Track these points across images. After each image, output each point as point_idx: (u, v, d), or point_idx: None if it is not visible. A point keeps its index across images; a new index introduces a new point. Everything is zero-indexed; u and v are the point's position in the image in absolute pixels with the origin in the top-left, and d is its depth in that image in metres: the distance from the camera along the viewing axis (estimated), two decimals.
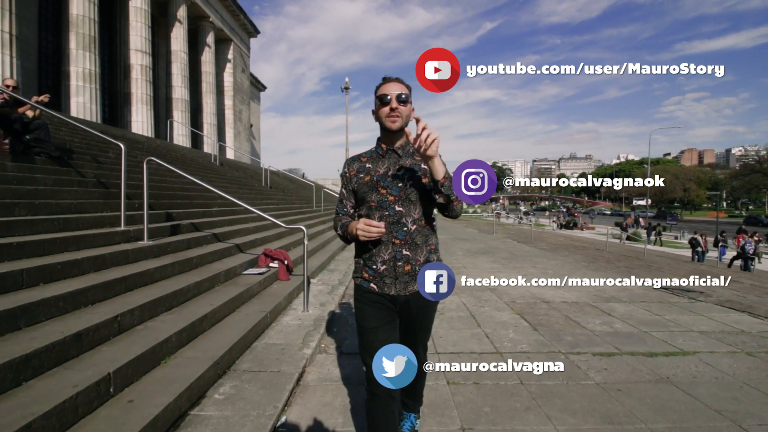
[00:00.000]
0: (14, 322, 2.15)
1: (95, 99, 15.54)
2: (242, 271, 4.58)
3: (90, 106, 15.23)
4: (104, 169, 6.29)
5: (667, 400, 2.45)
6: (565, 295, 5.27)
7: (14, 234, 3.18)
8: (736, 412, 2.32)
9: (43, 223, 3.52)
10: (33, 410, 1.63)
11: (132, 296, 2.94)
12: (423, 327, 1.73)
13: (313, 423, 2.17)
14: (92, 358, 2.17)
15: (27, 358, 1.88)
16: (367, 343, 1.61)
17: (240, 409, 2.18)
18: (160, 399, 2.00)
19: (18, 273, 2.54)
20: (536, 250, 10.71)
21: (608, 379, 2.73)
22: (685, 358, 3.10)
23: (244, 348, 2.99)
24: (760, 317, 4.27)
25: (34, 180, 4.46)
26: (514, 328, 3.80)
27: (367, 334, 1.61)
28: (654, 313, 4.38)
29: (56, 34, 16.34)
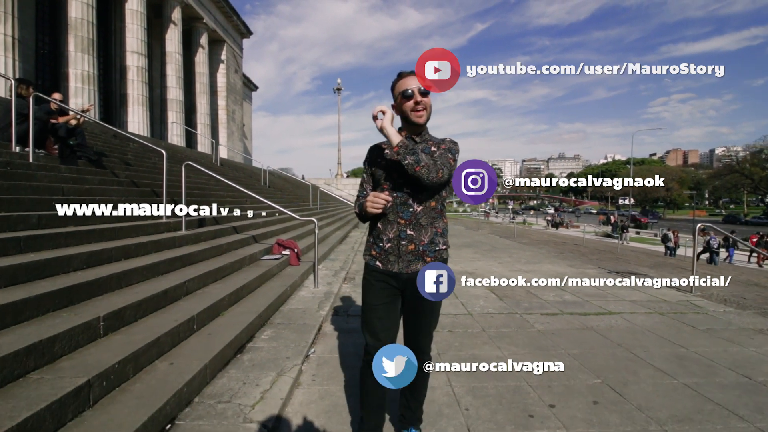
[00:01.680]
0: (118, 282, 3.02)
1: (94, 100, 16.15)
2: (261, 257, 5.45)
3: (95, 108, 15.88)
4: (131, 170, 7.12)
5: (585, 339, 3.41)
6: (532, 277, 6.23)
7: (91, 224, 4.02)
8: (632, 344, 3.28)
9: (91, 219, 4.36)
10: (156, 331, 2.50)
11: (187, 270, 3.82)
12: (427, 310, 1.71)
13: (332, 354, 3.08)
14: (176, 307, 3.05)
15: (139, 304, 2.75)
16: (367, 318, 1.72)
17: (281, 343, 3.08)
18: (228, 333, 2.89)
19: (109, 251, 3.40)
20: (516, 244, 11.74)
21: (547, 329, 3.68)
22: (610, 317, 4.08)
23: (274, 310, 3.89)
24: (684, 292, 5.28)
25: (85, 180, 5.28)
26: (485, 299, 4.75)
27: (368, 310, 1.71)
28: (599, 290, 5.37)
29: (53, 36, 16.82)
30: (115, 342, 2.30)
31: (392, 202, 1.62)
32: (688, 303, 4.70)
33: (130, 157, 8.18)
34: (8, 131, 5.25)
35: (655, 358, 2.98)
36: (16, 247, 2.88)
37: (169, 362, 2.36)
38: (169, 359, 2.41)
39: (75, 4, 15.28)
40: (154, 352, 2.37)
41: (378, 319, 1.67)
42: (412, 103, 1.61)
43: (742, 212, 66.27)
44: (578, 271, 6.80)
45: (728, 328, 3.74)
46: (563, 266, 7.41)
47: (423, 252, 1.64)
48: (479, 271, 6.73)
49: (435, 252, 1.68)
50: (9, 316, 2.10)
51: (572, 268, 7.16)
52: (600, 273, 6.70)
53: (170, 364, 2.34)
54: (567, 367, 2.77)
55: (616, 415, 2.18)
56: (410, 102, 1.61)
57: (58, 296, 2.43)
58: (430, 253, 1.66)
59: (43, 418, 1.59)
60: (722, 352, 3.13)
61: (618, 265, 7.95)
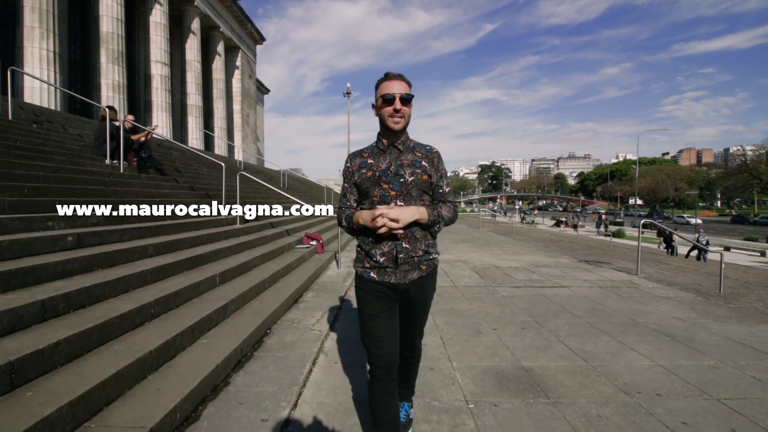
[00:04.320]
0: (216, 256, 4.50)
1: (123, 108, 17.43)
2: (295, 245, 6.93)
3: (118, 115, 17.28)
4: (184, 176, 8.68)
5: (534, 300, 4.79)
6: (512, 264, 7.60)
7: (176, 219, 5.53)
8: (565, 303, 4.64)
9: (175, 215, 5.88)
10: (247, 285, 3.97)
11: (251, 252, 5.31)
12: (421, 312, 1.78)
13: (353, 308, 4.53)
14: (253, 273, 4.52)
15: (233, 269, 4.23)
16: (367, 329, 1.66)
17: (321, 299, 4.53)
18: (288, 291, 4.35)
19: (186, 239, 4.88)
20: (509, 240, 13.07)
21: (509, 294, 5.07)
22: (560, 288, 5.45)
23: (312, 281, 5.35)
24: (631, 275, 6.60)
25: (161, 186, 6.83)
26: (469, 277, 6.14)
27: (367, 320, 1.66)
28: (563, 272, 6.73)
29: (84, 48, 18.48)
30: (229, 287, 3.79)
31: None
32: (629, 282, 6.04)
33: (178, 165, 9.76)
34: (102, 148, 6.81)
35: (576, 310, 4.35)
36: (154, 232, 4.40)
37: (259, 302, 3.84)
38: (258, 300, 3.89)
39: (106, 20, 16.91)
40: (250, 296, 3.86)
41: (379, 328, 1.64)
42: (391, 109, 1.59)
43: (751, 212, 66.08)
44: (553, 260, 8.14)
45: (644, 296, 5.09)
46: (543, 257, 8.75)
47: (418, 262, 1.66)
48: (471, 259, 8.11)
49: (429, 260, 1.70)
50: (169, 270, 3.59)
51: (549, 258, 8.50)
52: (571, 262, 8.02)
53: (260, 303, 3.81)
54: (511, 313, 4.18)
55: (532, 333, 3.58)
56: (389, 108, 1.59)
57: (191, 262, 3.93)
58: (425, 262, 1.68)
59: (209, 318, 3.06)
60: (626, 308, 4.49)
61: (592, 257, 9.23)
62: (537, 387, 2.53)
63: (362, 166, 1.68)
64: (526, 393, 2.45)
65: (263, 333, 3.32)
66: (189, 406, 2.08)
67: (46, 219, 3.48)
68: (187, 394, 2.06)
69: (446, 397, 2.38)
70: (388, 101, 1.58)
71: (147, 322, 2.72)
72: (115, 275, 2.97)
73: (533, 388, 2.52)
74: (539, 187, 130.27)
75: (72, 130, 8.20)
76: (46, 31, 13.92)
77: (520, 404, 2.31)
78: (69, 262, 2.90)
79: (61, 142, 6.77)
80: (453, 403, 2.32)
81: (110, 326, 2.39)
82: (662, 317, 4.11)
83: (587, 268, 7.36)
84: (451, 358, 3.01)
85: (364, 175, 1.66)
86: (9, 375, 1.76)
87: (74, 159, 5.92)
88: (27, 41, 13.67)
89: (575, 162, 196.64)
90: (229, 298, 3.46)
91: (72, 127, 8.48)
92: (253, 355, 2.91)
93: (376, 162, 1.65)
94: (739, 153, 64.59)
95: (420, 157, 1.66)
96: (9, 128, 6.09)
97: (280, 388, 2.40)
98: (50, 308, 2.33)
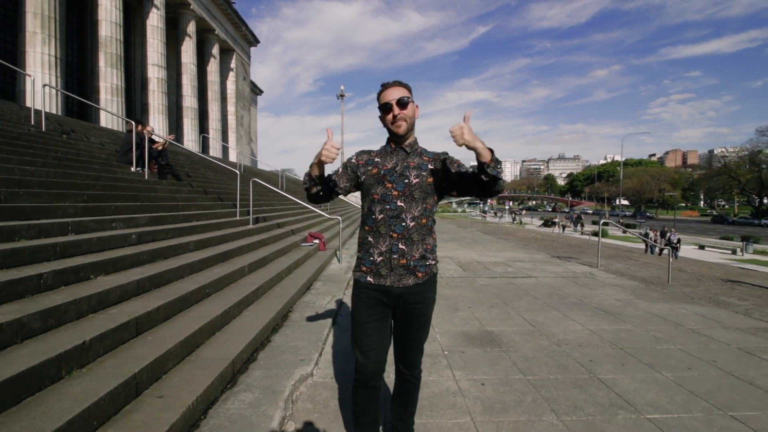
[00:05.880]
0: (230, 255, 5.38)
1: (121, 111, 17.83)
2: (300, 244, 7.83)
3: (116, 117, 17.00)
4: (197, 181, 9.50)
5: (505, 287, 5.75)
6: (492, 259, 8.59)
7: (193, 221, 6.38)
8: (530, 289, 5.62)
9: (199, 215, 6.74)
10: (269, 275, 4.86)
11: (266, 248, 6.19)
12: (419, 323, 1.70)
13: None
14: (270, 266, 5.41)
15: (256, 262, 5.11)
16: (356, 336, 1.69)
17: (329, 287, 5.45)
18: (301, 280, 5.25)
19: (215, 237, 5.76)
20: (494, 239, 14.11)
21: (487, 284, 6.02)
22: (529, 279, 6.43)
23: (319, 273, 6.26)
24: (593, 268, 7.62)
25: (180, 191, 7.67)
26: (453, 270, 7.10)
27: (358, 327, 1.68)
28: (535, 266, 7.72)
29: (81, 51, 18.89)
30: (255, 276, 4.69)
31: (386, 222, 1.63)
32: (589, 273, 7.06)
33: (188, 170, 10.56)
34: (128, 156, 7.61)
35: (537, 294, 5.33)
36: (189, 231, 5.27)
37: (280, 288, 4.75)
38: (280, 287, 4.79)
39: (105, 24, 17.22)
40: (272, 283, 4.76)
41: (367, 336, 1.66)
42: (390, 116, 1.62)
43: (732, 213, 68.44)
44: (529, 257, 9.15)
45: (596, 284, 6.09)
46: (521, 253, 9.77)
47: (414, 267, 1.64)
48: (457, 255, 9.08)
49: (426, 267, 1.67)
50: (209, 262, 4.48)
51: (527, 255, 9.51)
52: (545, 258, 9.04)
53: (281, 288, 4.72)
54: (485, 297, 5.14)
55: (498, 310, 4.53)
56: (389, 115, 1.63)
57: (222, 256, 4.82)
58: (421, 268, 1.65)
59: (248, 298, 3.96)
60: (579, 292, 5.48)
61: (567, 254, 10.26)
62: (494, 342, 3.48)
63: (369, 163, 1.72)
64: (486, 345, 3.40)
65: (288, 310, 4.22)
66: (249, 351, 2.99)
67: (111, 221, 4.34)
68: (247, 344, 2.96)
69: (428, 349, 3.30)
70: (386, 110, 1.64)
71: (204, 299, 3.61)
72: (174, 264, 3.85)
73: (492, 342, 3.47)
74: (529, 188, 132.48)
75: (94, 139, 8.97)
76: (48, 36, 14.28)
77: (481, 351, 3.26)
78: (139, 254, 3.77)
79: (90, 151, 7.56)
80: (433, 351, 3.25)
81: (183, 300, 3.28)
82: (604, 299, 5.11)
83: (557, 262, 8.37)
84: (433, 326, 3.94)
85: (370, 171, 1.69)
86: (135, 326, 2.65)
87: (107, 167, 6.74)
88: (29, 46, 13.99)
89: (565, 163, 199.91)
90: (259, 284, 4.35)
91: (93, 136, 9.24)
92: (283, 325, 3.82)
93: (383, 161, 1.69)
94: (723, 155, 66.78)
95: (427, 161, 1.69)
96: (46, 140, 6.88)
97: (308, 344, 3.31)
98: (141, 286, 3.22)
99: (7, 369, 1.82)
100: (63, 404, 1.79)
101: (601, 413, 2.33)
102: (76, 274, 2.97)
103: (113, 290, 2.89)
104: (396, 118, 1.63)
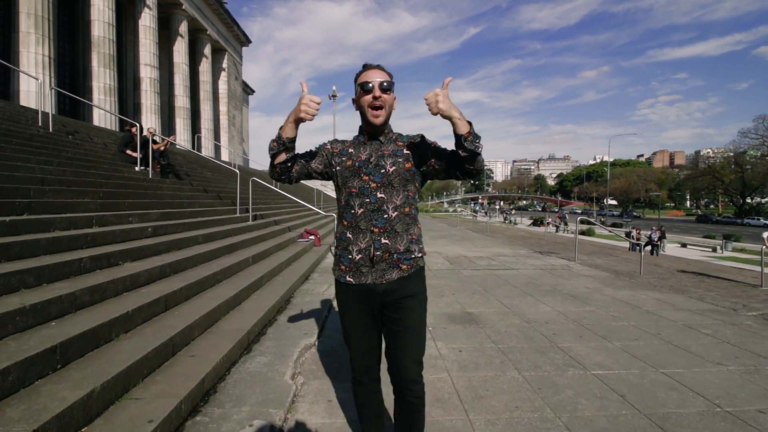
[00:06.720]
0: (243, 244, 5.82)
1: (114, 110, 17.96)
2: (297, 239, 8.27)
3: (109, 116, 17.38)
4: (196, 180, 9.89)
5: (488, 278, 6.27)
6: (478, 254, 9.12)
7: (197, 217, 6.80)
8: (510, 279, 6.14)
9: (202, 212, 7.16)
10: (271, 266, 5.31)
11: (266, 243, 6.63)
12: (410, 325, 1.53)
13: None
14: (271, 258, 5.86)
15: (259, 254, 5.56)
16: (346, 337, 1.65)
17: (324, 277, 5.91)
18: (300, 271, 5.71)
19: (219, 231, 6.19)
20: (481, 236, 14.68)
21: (471, 275, 6.54)
22: (510, 270, 6.96)
23: (315, 266, 6.71)
24: (571, 261, 8.19)
25: (183, 189, 8.06)
26: (441, 263, 7.61)
27: (346, 330, 1.64)
28: (517, 260, 8.27)
29: (72, 50, 18.93)
30: (258, 267, 5.14)
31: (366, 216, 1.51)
32: (566, 266, 7.62)
33: (186, 170, 10.92)
34: (124, 155, 7.97)
35: (516, 283, 5.85)
36: (196, 226, 5.69)
37: (282, 277, 5.21)
38: (281, 276, 5.25)
39: (97, 24, 17.37)
40: (274, 273, 5.21)
41: (355, 342, 1.61)
42: (370, 98, 1.48)
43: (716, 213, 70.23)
44: (513, 252, 9.71)
45: (571, 275, 6.64)
46: (506, 249, 10.32)
47: (398, 260, 1.51)
48: (445, 251, 9.60)
49: (410, 260, 1.54)
50: (217, 253, 4.91)
51: (511, 250, 10.07)
52: (528, 253, 9.60)
53: (282, 278, 5.17)
54: (468, 285, 5.65)
55: (479, 296, 5.04)
56: (368, 96, 1.48)
57: (228, 248, 5.26)
58: (406, 261, 1.53)
59: (254, 284, 4.41)
60: (553, 281, 6.02)
61: (549, 250, 10.84)
62: (473, 321, 3.98)
63: (343, 153, 1.60)
64: (466, 323, 3.90)
65: (290, 296, 4.68)
66: (260, 326, 3.45)
67: (128, 216, 4.75)
68: (258, 320, 3.42)
69: None
70: (366, 90, 1.48)
71: (217, 284, 4.06)
72: (188, 254, 4.29)
73: (471, 321, 3.97)
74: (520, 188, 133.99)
75: (97, 140, 9.31)
76: (42, 36, 14.47)
77: (460, 328, 3.76)
78: (157, 245, 4.20)
79: (95, 151, 7.92)
80: None
81: (200, 284, 3.73)
82: (575, 287, 5.66)
83: (538, 257, 8.93)
84: None
85: (344, 163, 1.57)
86: (164, 302, 3.09)
87: (114, 167, 7.12)
88: (23, 46, 14.24)
89: (555, 163, 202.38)
90: (262, 273, 4.80)
91: (96, 137, 9.58)
92: (286, 308, 4.28)
93: (357, 152, 1.57)
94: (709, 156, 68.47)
95: (402, 146, 1.57)
96: (55, 141, 7.23)
97: (310, 322, 3.78)
98: (164, 272, 3.66)
99: (72, 329, 2.26)
100: (120, 357, 2.24)
101: (555, 370, 2.84)
102: (108, 260, 3.40)
103: (141, 274, 3.33)
104: (376, 100, 1.48)
